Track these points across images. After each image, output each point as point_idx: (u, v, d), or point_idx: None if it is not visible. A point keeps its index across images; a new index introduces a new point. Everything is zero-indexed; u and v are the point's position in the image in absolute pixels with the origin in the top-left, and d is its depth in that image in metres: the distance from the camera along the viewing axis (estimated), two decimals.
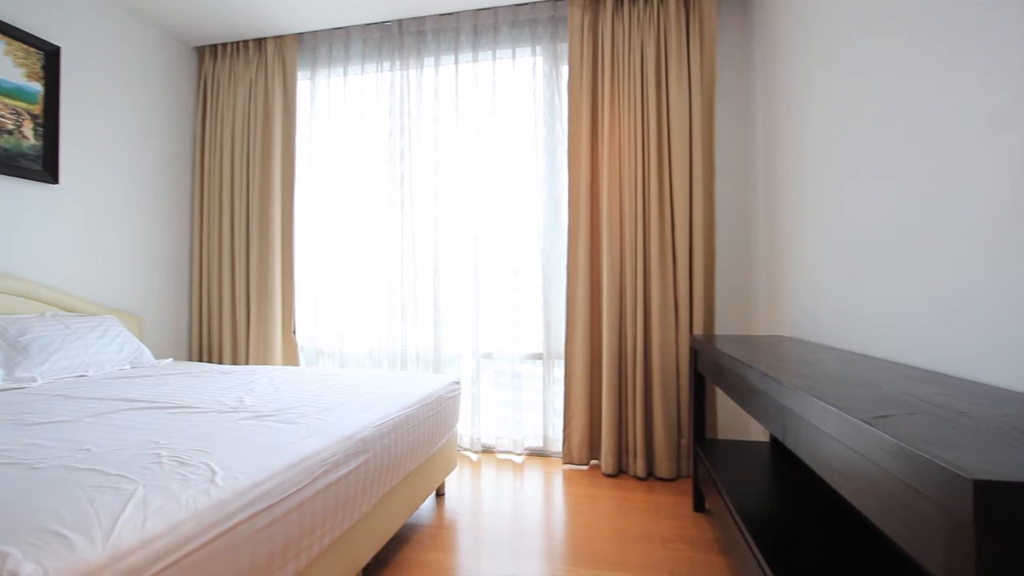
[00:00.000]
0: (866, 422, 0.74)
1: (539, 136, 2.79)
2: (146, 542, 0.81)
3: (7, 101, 2.25)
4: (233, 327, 3.13)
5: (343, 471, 1.32)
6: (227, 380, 2.03)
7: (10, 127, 2.27)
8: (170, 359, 2.78)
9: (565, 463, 2.68)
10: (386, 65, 3.00)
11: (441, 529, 2.00)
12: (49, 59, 2.41)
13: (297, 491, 1.14)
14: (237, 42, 3.16)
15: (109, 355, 2.29)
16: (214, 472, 1.03)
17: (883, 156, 1.43)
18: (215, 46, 3.21)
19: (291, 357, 3.08)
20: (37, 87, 2.37)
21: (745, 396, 1.39)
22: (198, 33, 3.07)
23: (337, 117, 3.09)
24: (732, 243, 2.70)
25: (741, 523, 1.43)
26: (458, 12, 2.85)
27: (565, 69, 2.78)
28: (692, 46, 2.53)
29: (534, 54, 2.81)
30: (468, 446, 2.89)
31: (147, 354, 2.49)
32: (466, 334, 2.91)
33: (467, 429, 2.89)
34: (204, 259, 3.18)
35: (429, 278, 2.93)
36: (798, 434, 1.02)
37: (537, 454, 2.88)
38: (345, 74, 3.05)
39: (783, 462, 1.93)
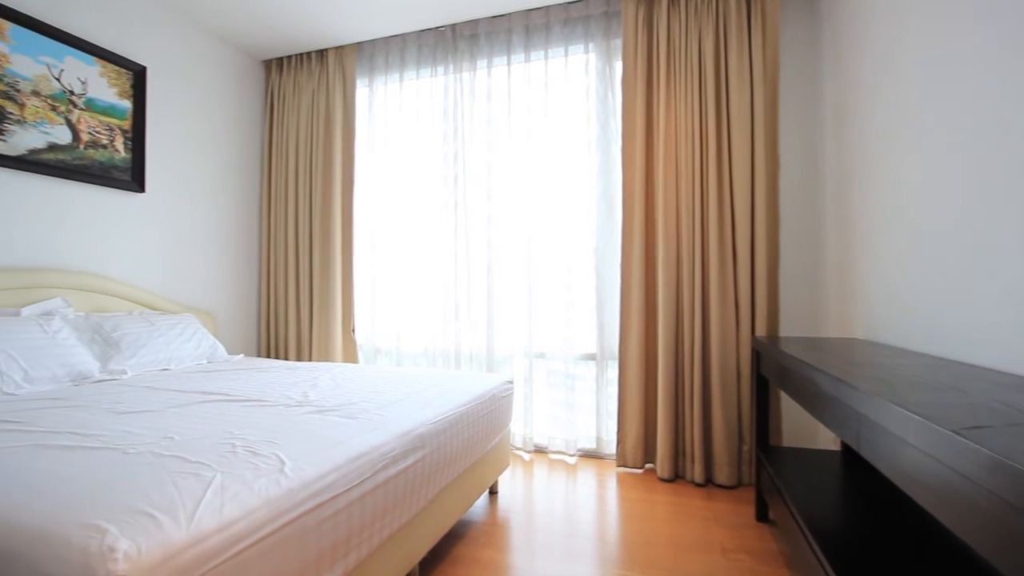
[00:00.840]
0: (957, 433, 0.68)
1: (592, 134, 2.76)
2: (224, 526, 0.87)
3: (102, 118, 2.47)
4: (297, 325, 3.29)
5: (402, 466, 1.36)
6: (292, 376, 2.14)
7: (104, 142, 2.48)
8: (241, 355, 2.95)
9: (619, 466, 2.63)
10: (440, 70, 3.06)
11: (495, 527, 2.01)
12: (136, 78, 2.62)
13: (359, 483, 1.18)
14: (301, 54, 3.32)
15: (188, 351, 2.46)
16: (283, 463, 1.09)
17: (968, 148, 1.32)
18: (281, 59, 3.39)
19: (350, 354, 3.19)
20: (127, 104, 2.58)
21: (815, 402, 1.32)
22: (265, 47, 3.25)
23: (393, 122, 3.19)
24: (798, 241, 2.57)
25: (810, 536, 1.36)
26: (510, 13, 2.87)
27: (619, 65, 2.73)
28: (754, 36, 2.43)
29: (587, 51, 2.79)
30: (521, 445, 2.90)
31: (221, 350, 2.66)
32: (519, 334, 2.92)
33: (520, 428, 2.90)
34: (271, 261, 3.36)
35: (482, 278, 2.97)
36: (875, 443, 0.95)
37: (590, 456, 2.84)
38: (401, 80, 3.14)
39: (856, 472, 1.81)
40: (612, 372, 2.78)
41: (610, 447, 2.79)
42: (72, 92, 2.34)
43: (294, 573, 1.00)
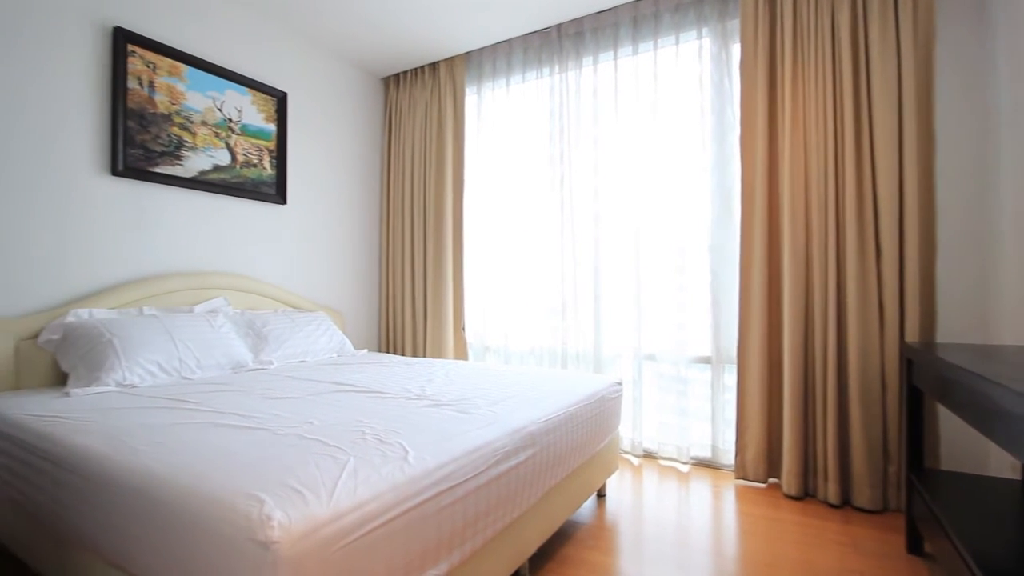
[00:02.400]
0: None
1: (706, 124, 2.61)
2: (358, 505, 0.95)
3: (253, 141, 2.83)
4: (413, 323, 3.50)
5: (513, 462, 1.38)
6: (410, 371, 2.28)
7: (255, 161, 2.84)
8: (365, 350, 3.22)
9: (738, 478, 2.45)
10: (545, 71, 3.08)
11: (603, 530, 1.98)
12: (279, 103, 2.97)
13: (474, 476, 1.22)
14: (415, 69, 3.54)
15: (321, 345, 2.73)
16: (406, 451, 1.16)
17: None
18: (398, 75, 3.64)
19: (461, 352, 3.33)
20: (272, 127, 2.94)
21: (988, 419, 1.12)
22: (385, 65, 3.50)
23: (500, 126, 3.27)
24: (962, 234, 2.20)
25: None
26: (616, 7, 2.81)
27: (736, 48, 2.55)
28: (901, 7, 2.13)
29: (699, 37, 2.64)
30: (629, 449, 2.82)
31: (348, 345, 2.92)
32: (627, 334, 2.85)
33: (628, 432, 2.82)
34: (390, 263, 3.62)
35: (589, 277, 2.94)
36: None
37: (704, 465, 2.69)
38: (507, 84, 3.21)
39: None
40: (729, 377, 2.61)
41: (727, 457, 2.61)
42: (231, 120, 2.71)
43: (416, 555, 1.06)
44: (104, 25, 2.23)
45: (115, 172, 2.24)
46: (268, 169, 2.91)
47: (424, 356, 3.42)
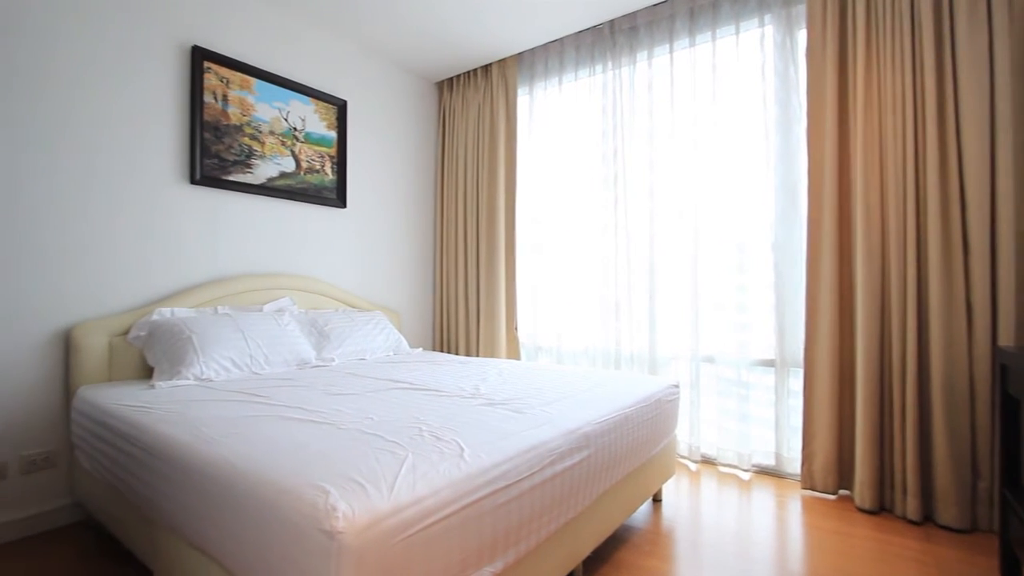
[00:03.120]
0: None
1: (769, 116, 2.49)
2: (417, 500, 0.97)
3: (316, 148, 2.97)
4: (466, 323, 3.55)
5: (567, 463, 1.37)
6: (464, 369, 2.32)
7: (317, 167, 2.98)
8: (420, 348, 3.30)
9: (804, 488, 2.33)
10: (598, 68, 3.04)
11: (658, 536, 1.93)
12: (340, 111, 3.09)
13: (529, 476, 1.22)
14: (468, 72, 3.59)
15: (379, 343, 2.83)
16: (462, 449, 1.18)
17: None
18: (451, 79, 3.70)
19: (513, 351, 3.35)
20: (333, 134, 3.06)
21: None
22: (439, 69, 3.57)
23: (553, 125, 3.26)
24: None
25: None
26: None
27: (802, 35, 2.42)
28: None
29: (762, 24, 2.52)
30: (686, 454, 2.74)
31: (404, 344, 3.00)
32: (684, 336, 2.76)
33: (685, 436, 2.74)
34: (444, 263, 3.69)
35: (644, 277, 2.87)
36: None
37: (767, 473, 2.57)
38: (560, 83, 3.20)
39: None
40: (795, 381, 2.48)
41: (792, 466, 2.48)
42: (295, 129, 2.86)
43: (473, 552, 1.08)
44: (183, 45, 2.40)
45: (193, 181, 2.41)
46: (329, 175, 3.04)
47: (477, 355, 3.46)
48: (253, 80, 2.65)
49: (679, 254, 2.79)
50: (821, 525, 2.02)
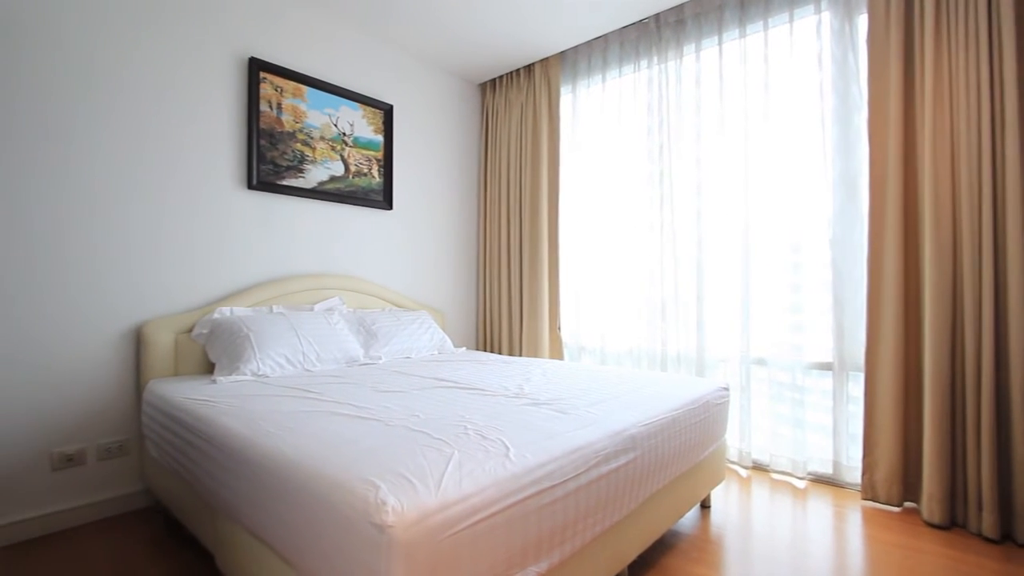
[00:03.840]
0: None
1: (826, 106, 2.37)
2: (463, 497, 0.98)
3: (364, 152, 3.05)
4: (509, 322, 3.57)
5: (613, 465, 1.35)
6: (508, 369, 2.32)
7: (365, 171, 3.06)
8: (464, 348, 3.34)
9: (865, 499, 2.20)
10: (643, 63, 2.98)
11: (707, 543, 1.88)
12: (386, 116, 3.17)
13: (574, 477, 1.21)
14: (510, 72, 3.60)
15: (424, 342, 2.88)
16: (508, 448, 1.19)
17: None
18: (493, 80, 3.72)
19: (556, 351, 3.34)
20: (380, 138, 3.14)
21: None
22: (482, 71, 3.60)
23: (596, 123, 3.23)
24: None
25: None
26: None
27: (862, 19, 2.29)
28: None
29: (818, 11, 2.40)
30: (737, 460, 2.65)
31: (448, 343, 3.04)
32: (733, 337, 2.67)
33: (735, 441, 2.65)
34: (487, 263, 3.72)
35: (691, 276, 2.80)
36: None
37: (824, 481, 2.44)
38: (603, 80, 3.16)
39: None
40: (854, 386, 2.35)
41: (852, 475, 2.35)
42: (344, 134, 2.95)
43: (518, 551, 1.08)
44: (241, 57, 2.52)
45: (250, 186, 2.53)
46: (376, 177, 3.12)
47: (520, 355, 3.46)
48: (305, 88, 2.75)
49: (728, 252, 2.70)
50: (884, 538, 1.90)
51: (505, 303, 3.57)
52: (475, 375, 2.14)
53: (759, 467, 2.63)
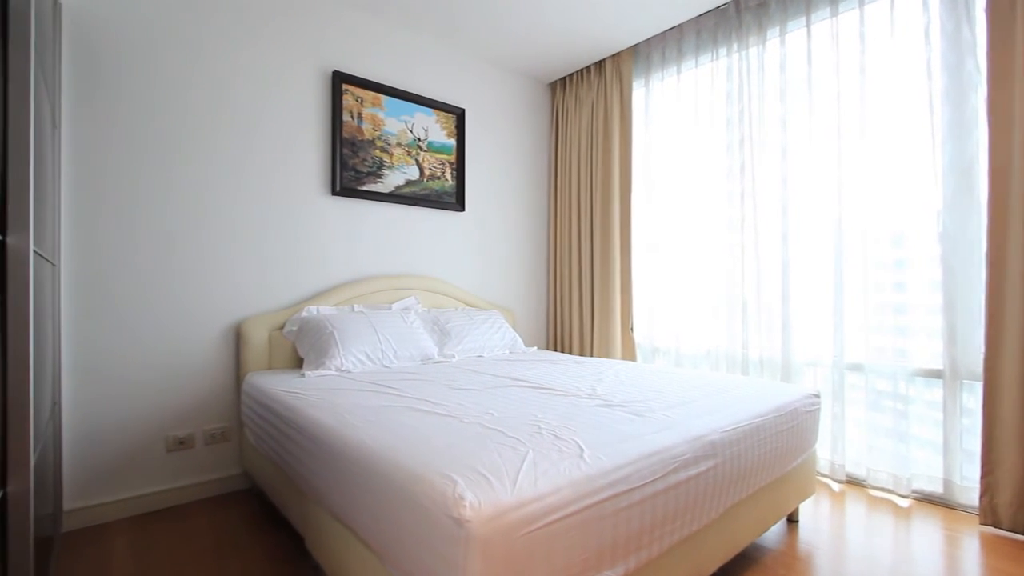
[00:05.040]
0: None
1: (935, 86, 2.14)
2: (539, 497, 0.98)
3: (437, 155, 3.15)
4: (580, 322, 3.53)
5: (692, 471, 1.30)
6: (579, 369, 2.30)
7: (439, 174, 3.16)
8: (535, 347, 3.35)
9: (984, 523, 1.96)
10: (722, 51, 2.84)
11: (795, 560, 1.75)
12: (458, 119, 3.24)
13: (651, 481, 1.18)
14: (580, 70, 3.56)
15: (495, 341, 2.91)
16: (582, 449, 1.17)
17: None
18: (563, 79, 3.70)
19: (629, 352, 3.26)
20: (452, 142, 3.23)
21: None
22: (552, 70, 3.59)
23: (670, 117, 3.12)
24: None
25: None
26: None
27: None
28: None
29: None
30: (828, 473, 2.46)
31: (519, 342, 3.06)
32: (824, 340, 2.48)
33: (826, 453, 2.46)
34: (558, 263, 3.71)
35: (776, 274, 2.63)
36: None
37: (932, 501, 2.21)
38: (678, 72, 3.05)
39: None
40: (970, 396, 2.10)
41: (967, 496, 2.11)
42: (419, 139, 3.05)
43: (593, 554, 1.06)
44: (325, 71, 2.68)
45: (334, 192, 2.69)
46: (449, 180, 3.21)
47: (591, 355, 3.42)
48: (383, 97, 2.88)
49: (818, 248, 2.51)
50: (1008, 571, 1.69)
51: (576, 303, 3.54)
52: (547, 375, 2.14)
53: (854, 481, 2.43)
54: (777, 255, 2.62)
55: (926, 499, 2.23)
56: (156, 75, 2.19)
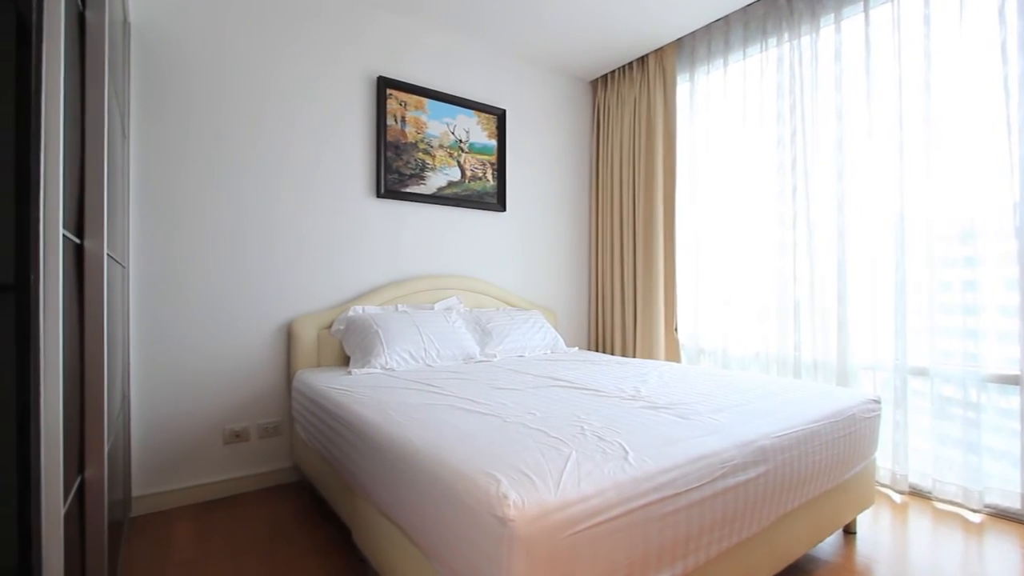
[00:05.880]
0: None
1: (1011, 70, 1.98)
2: (583, 498, 0.97)
3: (479, 156, 3.17)
4: (623, 322, 3.48)
5: (741, 477, 1.26)
6: (622, 370, 2.27)
7: (480, 175, 3.18)
8: (576, 348, 3.32)
9: None
10: (771, 41, 2.74)
11: (852, 573, 1.67)
12: (499, 120, 3.26)
13: (699, 486, 1.15)
14: (621, 66, 3.51)
15: (536, 341, 2.91)
16: (626, 451, 1.15)
17: None
18: (605, 76, 3.66)
19: (673, 353, 3.19)
20: (493, 143, 3.24)
21: None
22: (593, 68, 3.56)
23: (716, 111, 3.03)
24: None
25: None
26: None
27: None
28: None
29: None
30: (888, 483, 2.33)
31: (561, 343, 3.04)
32: (884, 342, 2.35)
33: (887, 462, 2.33)
34: (599, 262, 3.66)
35: (831, 273, 2.51)
36: None
37: (1008, 517, 2.05)
38: (725, 65, 2.95)
39: None
40: None
41: None
42: (461, 141, 3.09)
43: (638, 559, 1.04)
44: (371, 77, 2.75)
45: (378, 195, 2.75)
46: (490, 180, 3.23)
47: (634, 356, 3.36)
48: (426, 100, 2.93)
49: (877, 245, 2.38)
50: None
51: (618, 303, 3.49)
52: (589, 375, 2.12)
53: (918, 493, 2.28)
54: (832, 252, 2.50)
55: (1001, 515, 2.07)
56: (214, 88, 2.31)
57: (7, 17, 0.83)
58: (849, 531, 1.94)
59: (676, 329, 3.18)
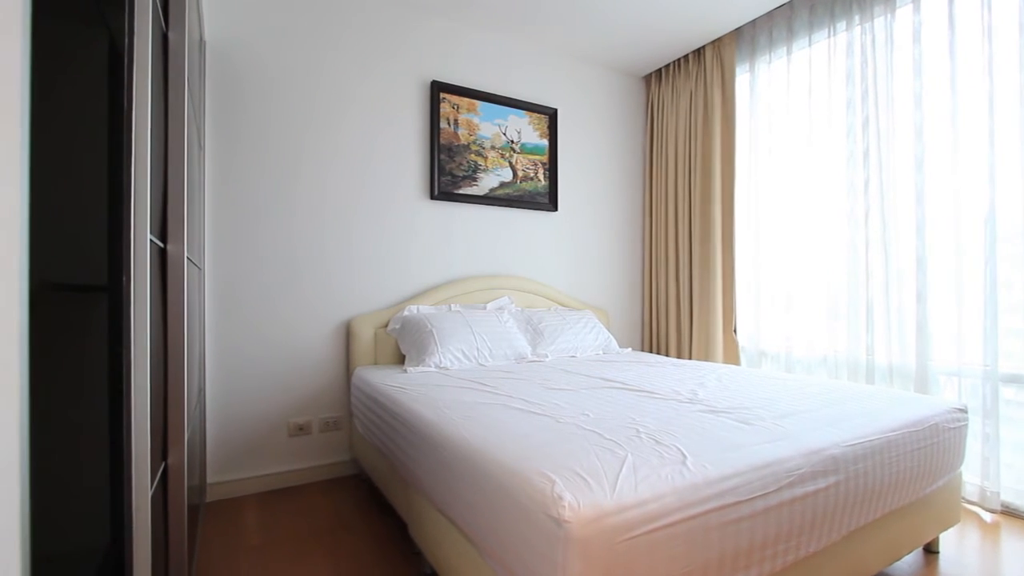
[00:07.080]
0: None
1: None
2: (640, 502, 0.95)
3: (530, 157, 3.18)
4: (678, 323, 3.38)
5: (810, 488, 1.19)
6: (678, 372, 2.20)
7: (531, 175, 3.18)
8: (629, 348, 3.26)
9: None
10: (840, 26, 2.58)
11: None
12: (550, 120, 3.25)
13: (763, 495, 1.10)
14: (678, 60, 3.41)
15: (588, 342, 2.88)
16: (684, 456, 1.12)
17: None
18: (659, 70, 3.57)
19: (731, 356, 3.06)
20: (544, 143, 3.24)
21: None
22: (646, 62, 3.48)
23: (778, 102, 2.88)
24: None
25: None
26: None
27: None
28: None
29: None
30: (977, 500, 2.13)
31: (613, 343, 3.00)
32: (972, 346, 2.16)
33: (974, 478, 2.14)
34: (653, 262, 3.58)
35: (908, 271, 2.33)
36: None
37: None
38: (788, 53, 2.81)
39: None
40: None
41: None
42: (512, 141, 3.10)
43: (698, 568, 1.01)
44: (424, 81, 2.82)
45: (432, 197, 2.81)
46: (542, 180, 3.22)
47: (690, 358, 3.26)
48: (478, 103, 2.97)
49: (963, 241, 2.18)
50: None
51: (673, 303, 3.39)
52: (643, 377, 2.07)
53: (1011, 512, 2.08)
54: (911, 249, 2.32)
55: None
56: (277, 99, 2.43)
57: (100, 40, 0.91)
58: (931, 550, 1.80)
59: (735, 330, 3.06)
